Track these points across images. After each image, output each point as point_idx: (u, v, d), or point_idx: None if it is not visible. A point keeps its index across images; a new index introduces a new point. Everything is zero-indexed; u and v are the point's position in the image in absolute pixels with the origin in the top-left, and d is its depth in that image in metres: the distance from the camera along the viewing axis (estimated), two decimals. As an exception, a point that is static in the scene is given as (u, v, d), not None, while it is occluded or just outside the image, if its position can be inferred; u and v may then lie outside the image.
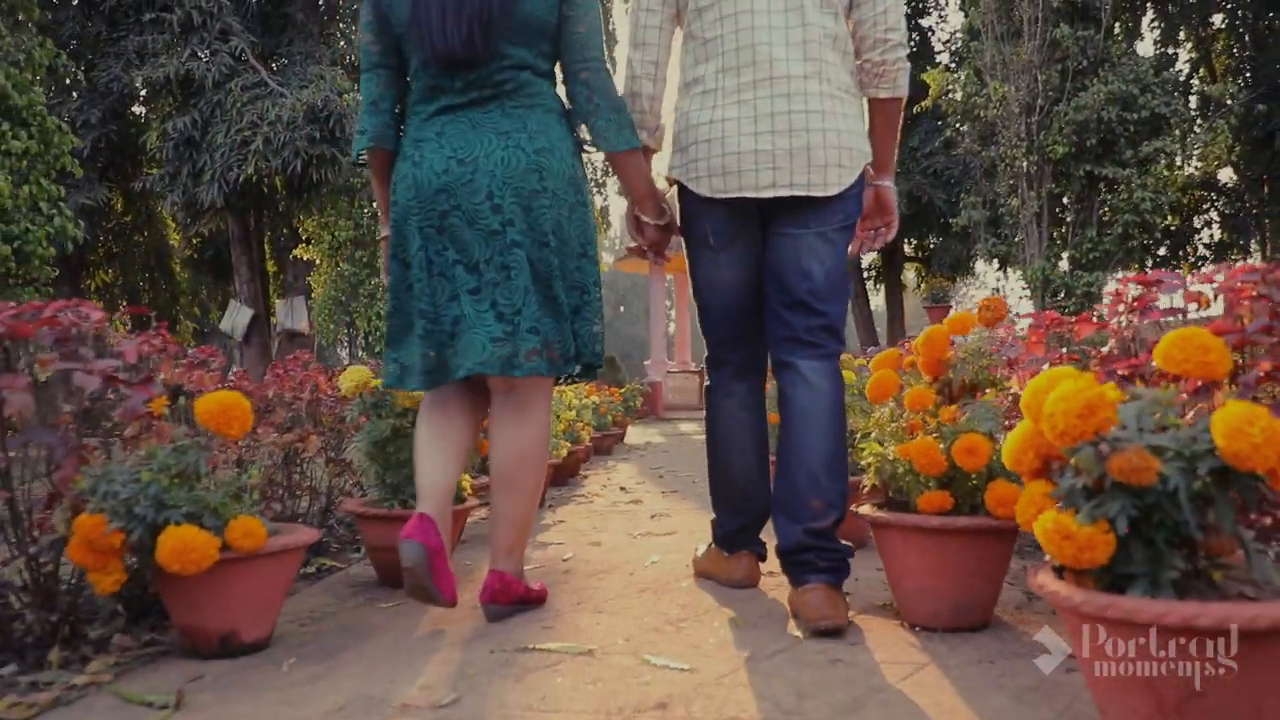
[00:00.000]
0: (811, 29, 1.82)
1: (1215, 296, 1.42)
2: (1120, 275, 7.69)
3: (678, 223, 2.05)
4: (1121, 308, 1.57)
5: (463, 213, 1.75)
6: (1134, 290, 1.51)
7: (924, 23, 16.07)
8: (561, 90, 1.91)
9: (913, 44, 15.66)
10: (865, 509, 1.83)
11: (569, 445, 4.50)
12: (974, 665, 1.50)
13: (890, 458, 1.78)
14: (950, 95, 7.49)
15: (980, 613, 1.71)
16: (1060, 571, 1.12)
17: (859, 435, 1.99)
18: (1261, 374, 1.24)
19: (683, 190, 1.96)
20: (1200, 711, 0.98)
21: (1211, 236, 15.20)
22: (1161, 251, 15.03)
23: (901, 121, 2.03)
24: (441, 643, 1.72)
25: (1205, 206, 15.49)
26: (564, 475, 4.75)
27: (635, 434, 10.12)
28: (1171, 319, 1.51)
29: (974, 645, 1.62)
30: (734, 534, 2.11)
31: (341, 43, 11.13)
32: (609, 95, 1.82)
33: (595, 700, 1.36)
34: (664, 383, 14.28)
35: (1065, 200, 6.99)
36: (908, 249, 16.38)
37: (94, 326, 1.61)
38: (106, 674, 1.53)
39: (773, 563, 2.26)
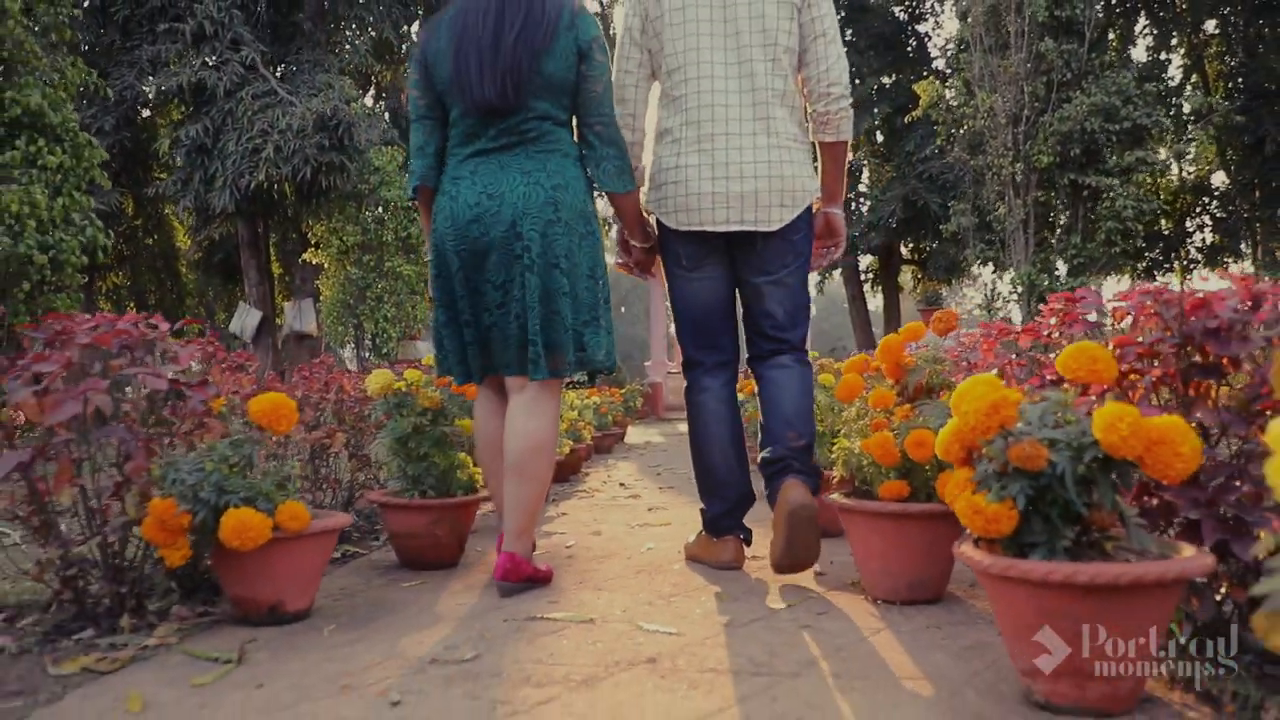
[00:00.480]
0: (760, 91, 2.20)
1: (1129, 313, 1.65)
2: (1103, 280, 7.93)
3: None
4: (1053, 320, 1.81)
5: (491, 239, 2.05)
6: (1059, 305, 1.74)
7: (920, 28, 16.28)
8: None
9: (909, 49, 15.90)
10: (835, 497, 2.06)
11: (571, 443, 4.73)
12: (923, 630, 1.74)
13: (856, 451, 2.02)
14: (940, 105, 7.73)
15: (933, 588, 1.94)
16: (979, 543, 1.36)
17: (830, 433, 2.23)
18: (1154, 378, 1.48)
19: (658, 221, 2.33)
20: (1077, 640, 1.21)
21: (1203, 240, 15.41)
22: (1154, 254, 15.26)
23: (852, 157, 2.49)
24: (460, 614, 1.95)
25: (1198, 211, 15.70)
26: (566, 472, 4.99)
27: (635, 433, 10.35)
28: (1096, 330, 1.75)
29: (926, 615, 1.85)
30: (720, 518, 2.36)
31: (346, 47, 11.36)
32: (616, 145, 2.16)
33: (595, 656, 1.60)
34: (664, 383, 14.50)
35: (1051, 207, 7.23)
36: (905, 252, 16.60)
37: (160, 336, 1.84)
38: (172, 637, 1.77)
39: (757, 547, 2.50)
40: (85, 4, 10.14)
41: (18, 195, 3.97)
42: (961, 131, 7.58)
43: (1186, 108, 7.63)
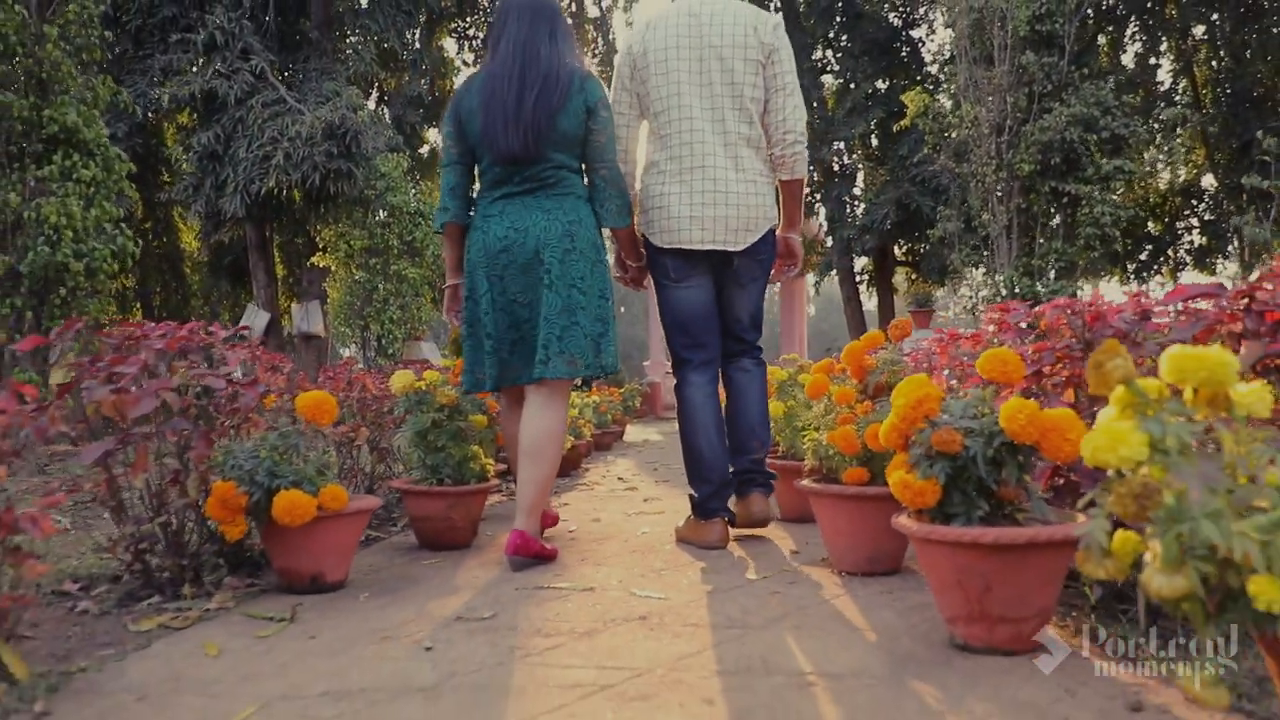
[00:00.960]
0: (730, 134, 2.59)
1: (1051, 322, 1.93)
2: (1082, 284, 8.20)
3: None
4: (991, 327, 2.09)
5: (518, 265, 2.43)
6: (994, 315, 2.02)
7: (915, 34, 16.53)
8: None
9: (903, 55, 16.16)
10: (805, 483, 2.34)
11: (571, 440, 5.01)
12: (877, 595, 2.02)
13: (823, 442, 2.29)
14: (928, 115, 8.02)
15: (891, 561, 2.22)
16: (911, 514, 1.63)
17: (800, 426, 2.51)
18: (1064, 378, 1.76)
19: (646, 240, 2.73)
20: (990, 601, 1.49)
21: (1191, 243, 15.67)
22: (1143, 257, 15.52)
23: (805, 193, 2.90)
24: (476, 584, 2.23)
25: (1186, 214, 15.96)
26: (567, 467, 5.26)
27: (634, 432, 10.63)
28: (1024, 337, 2.03)
29: (882, 584, 2.13)
30: (708, 500, 2.65)
31: (350, 53, 11.62)
32: (618, 188, 2.56)
33: (594, 615, 1.88)
34: (662, 384, 14.77)
35: (1033, 214, 7.52)
36: (899, 253, 16.87)
37: (215, 341, 2.12)
38: (229, 602, 2.05)
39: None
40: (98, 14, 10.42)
41: (55, 207, 4.25)
42: (949, 139, 7.86)
43: (1165, 117, 7.88)
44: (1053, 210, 7.46)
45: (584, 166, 2.57)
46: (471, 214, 2.59)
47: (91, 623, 1.91)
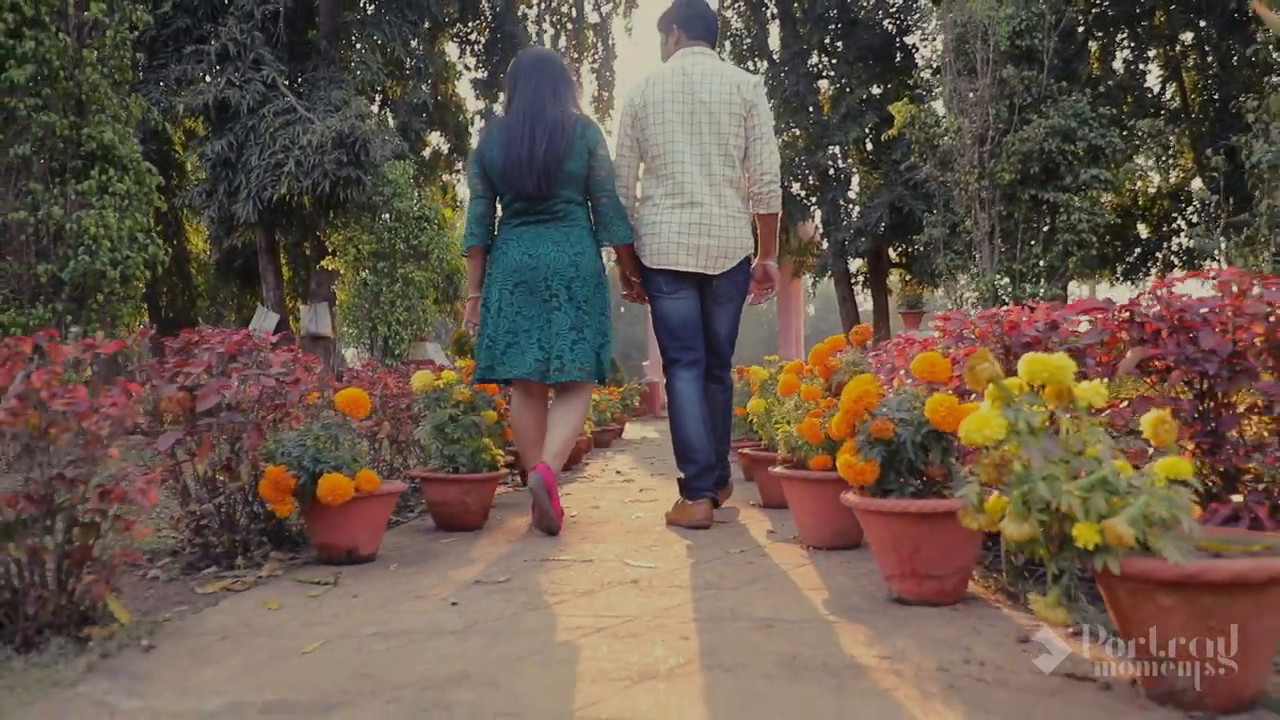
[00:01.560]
0: (715, 176, 3.04)
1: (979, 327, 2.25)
2: (1060, 287, 8.52)
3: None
4: (937, 333, 2.41)
5: (527, 286, 2.91)
6: (939, 322, 2.34)
7: (908, 40, 16.83)
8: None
9: (897, 60, 16.47)
10: (778, 469, 2.66)
11: (573, 435, 5.33)
12: (836, 564, 2.34)
13: (793, 434, 2.62)
14: (915, 125, 8.35)
15: (853, 537, 2.54)
16: (856, 490, 1.96)
17: (773, 420, 2.83)
18: (989, 378, 2.07)
19: (640, 260, 3.15)
20: (919, 560, 1.81)
21: (1179, 244, 15.97)
22: (1132, 259, 15.83)
23: (778, 226, 3.28)
24: (490, 558, 2.56)
25: (1175, 216, 16.26)
26: (569, 462, 5.58)
27: (633, 430, 10.96)
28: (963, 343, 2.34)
29: (842, 556, 2.45)
30: (693, 481, 3.01)
31: (355, 60, 11.94)
32: (619, 212, 3.06)
33: (594, 579, 2.20)
34: (660, 383, 15.09)
35: (1014, 220, 7.84)
36: (893, 255, 17.18)
37: (263, 345, 2.44)
38: (278, 570, 2.37)
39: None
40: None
41: (94, 219, 4.57)
42: (935, 147, 8.18)
43: (1144, 128, 8.18)
44: (1033, 217, 7.80)
45: (588, 197, 3.08)
46: (493, 235, 3.12)
47: (162, 587, 2.23)
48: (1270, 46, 8.04)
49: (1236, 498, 1.78)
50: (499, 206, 3.12)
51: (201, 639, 1.73)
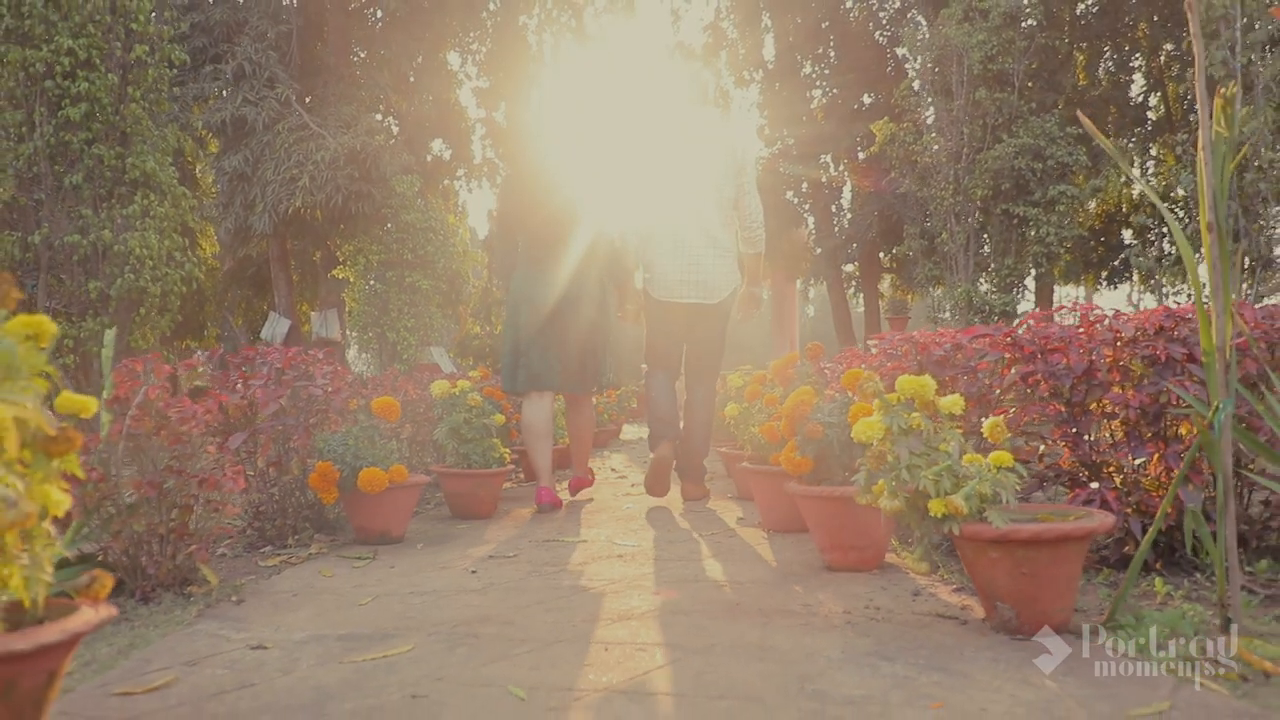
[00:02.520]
0: (708, 223, 3.61)
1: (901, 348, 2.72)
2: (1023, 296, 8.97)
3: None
4: (875, 349, 2.88)
5: (543, 313, 3.48)
6: (873, 341, 2.82)
7: (899, 51, 17.30)
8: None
9: (889, 69, 16.95)
10: (745, 465, 3.13)
11: (572, 436, 5.80)
12: (788, 543, 2.81)
13: (756, 434, 3.09)
14: (894, 143, 8.85)
15: (803, 521, 3.01)
16: (794, 481, 2.43)
17: (746, 423, 3.31)
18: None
19: (647, 292, 3.73)
20: (843, 535, 2.28)
21: (1162, 250, 16.42)
22: (1116, 264, 16.28)
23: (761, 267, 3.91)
24: (500, 539, 3.03)
25: (1158, 223, 16.71)
26: (567, 460, 6.04)
27: (630, 431, 11.43)
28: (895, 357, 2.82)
29: (795, 537, 2.93)
30: (656, 429, 3.70)
31: (358, 72, 12.40)
32: (624, 259, 3.62)
33: (587, 555, 2.68)
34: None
35: (986, 233, 8.33)
36: (885, 260, 17.65)
37: (313, 359, 2.92)
38: (324, 549, 2.85)
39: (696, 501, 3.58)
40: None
41: (138, 240, 5.05)
42: (914, 164, 8.68)
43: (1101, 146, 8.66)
44: (1006, 230, 8.29)
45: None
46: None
47: (231, 561, 2.71)
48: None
49: (1095, 485, 2.25)
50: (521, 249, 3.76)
51: (277, 595, 2.21)
